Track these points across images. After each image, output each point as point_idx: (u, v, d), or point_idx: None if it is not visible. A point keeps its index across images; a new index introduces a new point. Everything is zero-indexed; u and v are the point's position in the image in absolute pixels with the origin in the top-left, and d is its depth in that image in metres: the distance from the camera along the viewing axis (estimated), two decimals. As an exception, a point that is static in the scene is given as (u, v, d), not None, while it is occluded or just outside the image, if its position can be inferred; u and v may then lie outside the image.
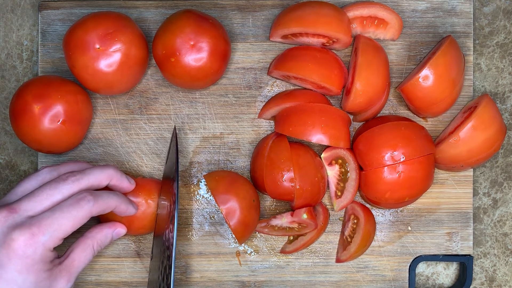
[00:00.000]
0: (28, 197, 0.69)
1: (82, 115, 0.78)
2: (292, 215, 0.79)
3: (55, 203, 0.69)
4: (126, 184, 0.75)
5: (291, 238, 0.82)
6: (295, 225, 0.80)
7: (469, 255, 0.83)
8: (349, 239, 0.81)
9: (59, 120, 0.76)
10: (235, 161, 0.83)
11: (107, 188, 0.75)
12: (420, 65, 0.81)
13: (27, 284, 0.66)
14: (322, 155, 0.81)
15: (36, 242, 0.66)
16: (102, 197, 0.71)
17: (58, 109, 0.76)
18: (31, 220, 0.67)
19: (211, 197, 0.83)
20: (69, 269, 0.70)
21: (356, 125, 0.83)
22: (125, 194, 0.76)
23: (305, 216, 0.78)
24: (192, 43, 0.75)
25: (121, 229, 0.76)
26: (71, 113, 0.77)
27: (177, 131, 0.82)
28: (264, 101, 0.83)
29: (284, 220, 0.80)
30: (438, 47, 0.80)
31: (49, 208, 0.68)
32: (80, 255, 0.71)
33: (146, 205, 0.77)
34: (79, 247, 0.72)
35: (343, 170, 0.80)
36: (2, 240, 0.65)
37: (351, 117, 0.83)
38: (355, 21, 0.81)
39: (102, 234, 0.74)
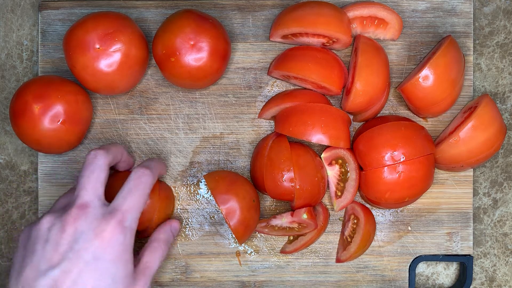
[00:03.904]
0: (82, 190, 0.69)
1: (82, 115, 0.78)
2: (292, 215, 0.79)
3: (105, 180, 0.71)
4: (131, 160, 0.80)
5: (291, 238, 0.82)
6: (295, 225, 0.80)
7: (469, 255, 0.83)
8: (349, 239, 0.81)
9: (59, 120, 0.76)
10: (235, 161, 0.83)
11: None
12: (420, 65, 0.81)
13: (119, 275, 0.68)
14: (322, 155, 0.81)
15: (124, 228, 0.68)
16: (151, 165, 0.74)
17: (58, 109, 0.76)
18: (111, 209, 0.69)
19: (211, 197, 0.83)
20: (144, 273, 0.72)
21: (356, 125, 0.83)
22: None
23: (305, 216, 0.78)
24: (192, 43, 0.75)
25: (175, 224, 0.79)
26: (71, 113, 0.77)
27: (177, 131, 0.82)
28: (264, 101, 0.83)
29: (284, 220, 0.80)
30: (438, 47, 0.80)
31: (103, 189, 0.71)
32: (151, 257, 0.73)
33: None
34: (147, 251, 0.74)
35: (343, 170, 0.80)
36: (93, 234, 0.67)
37: (351, 117, 0.83)
38: (355, 21, 0.81)
39: (163, 233, 0.77)
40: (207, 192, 0.83)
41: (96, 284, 0.66)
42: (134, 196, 0.70)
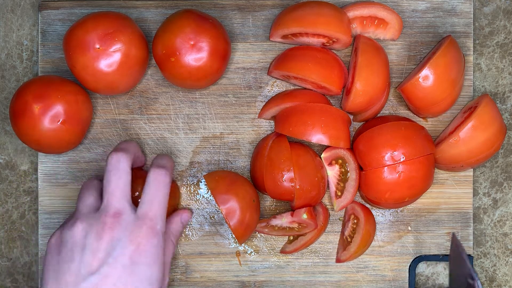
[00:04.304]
0: (111, 196, 0.71)
1: (82, 115, 0.78)
2: (292, 215, 0.79)
3: (130, 181, 0.73)
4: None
5: (291, 238, 0.82)
6: (295, 225, 0.80)
7: (469, 255, 0.83)
8: (349, 239, 0.81)
9: (59, 120, 0.76)
10: (235, 161, 0.83)
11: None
12: (420, 65, 0.81)
13: (155, 277, 0.70)
14: (322, 155, 0.81)
15: (156, 232, 0.71)
16: (165, 163, 0.75)
17: (58, 109, 0.76)
18: (141, 216, 0.71)
19: (211, 197, 0.82)
20: (165, 268, 0.74)
21: (356, 125, 0.83)
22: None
23: (305, 216, 0.78)
24: (192, 43, 0.75)
25: (185, 214, 0.80)
26: (71, 113, 0.77)
27: (177, 131, 0.82)
28: (264, 101, 0.83)
29: (284, 220, 0.80)
30: (438, 47, 0.80)
31: (130, 192, 0.73)
32: (167, 249, 0.75)
33: None
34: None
35: (343, 170, 0.80)
36: (129, 240, 0.70)
37: (351, 117, 0.82)
38: (355, 21, 0.81)
39: (173, 224, 0.78)
40: (207, 192, 0.83)
41: (134, 286, 0.69)
42: (158, 198, 0.72)
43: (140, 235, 0.70)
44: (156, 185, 0.73)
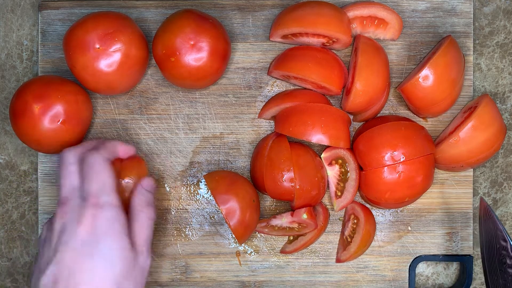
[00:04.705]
0: (60, 187, 0.72)
1: (82, 116, 0.78)
2: (292, 215, 0.79)
3: (77, 172, 0.72)
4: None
5: (291, 238, 0.82)
6: (295, 225, 0.80)
7: (469, 255, 0.83)
8: (349, 239, 0.81)
9: (59, 120, 0.76)
10: (235, 161, 0.83)
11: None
12: (420, 65, 0.81)
13: (114, 251, 0.68)
14: (322, 155, 0.81)
15: (101, 207, 0.70)
16: (96, 146, 0.75)
17: (58, 109, 0.76)
18: (84, 197, 0.70)
19: (211, 197, 0.82)
20: (140, 243, 0.72)
21: (356, 125, 0.83)
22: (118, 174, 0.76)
23: (305, 216, 0.78)
24: (192, 43, 0.75)
25: (145, 181, 0.75)
26: (71, 113, 0.77)
27: (177, 131, 0.82)
28: (264, 101, 0.83)
29: (284, 220, 0.80)
30: (438, 47, 0.80)
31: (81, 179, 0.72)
32: (139, 226, 0.72)
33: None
34: (133, 221, 0.72)
35: (343, 170, 0.80)
36: (76, 223, 0.69)
37: (351, 117, 0.82)
38: (355, 21, 0.81)
39: (138, 195, 0.74)
40: (207, 192, 0.83)
41: (92, 268, 0.68)
42: (97, 173, 0.71)
43: (86, 214, 0.69)
44: (88, 165, 0.72)
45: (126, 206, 0.74)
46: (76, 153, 0.73)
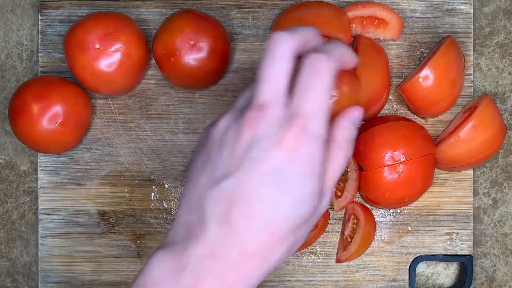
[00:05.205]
0: (261, 88, 0.56)
1: (81, 118, 0.78)
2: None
3: (289, 72, 0.56)
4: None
5: (291, 238, 0.82)
6: (295, 225, 0.80)
7: (469, 255, 0.83)
8: (349, 239, 0.81)
9: (58, 122, 0.76)
10: (235, 161, 0.82)
11: None
12: (420, 65, 0.81)
13: (304, 192, 0.55)
14: (322, 155, 0.81)
15: (309, 135, 0.55)
16: (327, 48, 0.58)
17: (57, 110, 0.76)
18: (291, 112, 0.55)
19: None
20: (327, 183, 0.57)
21: (356, 125, 0.83)
22: None
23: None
24: (192, 42, 0.75)
25: (355, 112, 0.60)
26: (69, 115, 0.77)
27: (177, 131, 0.82)
28: (264, 101, 0.82)
29: None
30: (438, 47, 0.79)
31: (291, 86, 0.56)
32: (332, 163, 0.58)
33: None
34: (328, 157, 0.57)
35: (343, 170, 0.80)
36: (273, 142, 0.54)
37: (351, 117, 0.82)
38: (355, 21, 0.81)
39: (342, 129, 0.59)
40: (207, 192, 0.83)
41: (276, 203, 0.54)
42: (313, 92, 0.55)
43: (290, 135, 0.54)
44: (309, 74, 0.55)
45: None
46: (294, 45, 0.56)
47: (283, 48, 0.56)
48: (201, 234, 0.55)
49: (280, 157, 0.54)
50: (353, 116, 0.59)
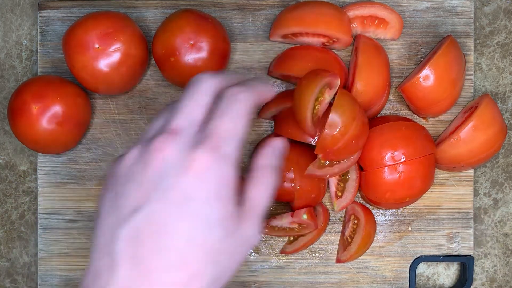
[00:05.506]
0: (176, 116, 0.56)
1: (80, 118, 0.78)
2: (292, 215, 0.79)
3: (207, 107, 0.57)
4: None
5: (291, 238, 0.82)
6: (295, 226, 0.79)
7: (470, 255, 0.83)
8: (349, 240, 0.81)
9: (57, 121, 0.76)
10: (235, 161, 0.82)
11: None
12: (421, 65, 0.80)
13: (216, 217, 0.53)
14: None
15: (220, 156, 0.54)
16: (248, 83, 0.59)
17: (56, 110, 0.76)
18: (201, 135, 0.54)
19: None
20: (251, 211, 0.56)
21: (357, 125, 0.83)
22: None
23: (305, 216, 0.78)
24: (191, 42, 0.75)
25: (278, 142, 0.61)
26: (69, 115, 0.76)
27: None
28: (264, 101, 0.82)
29: (284, 221, 0.80)
30: (439, 47, 0.79)
31: (208, 116, 0.56)
32: (256, 191, 0.57)
33: None
34: (250, 184, 0.58)
35: (343, 170, 0.80)
36: (183, 166, 0.53)
37: (352, 117, 0.82)
38: (355, 21, 0.80)
39: (266, 157, 0.59)
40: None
41: (187, 232, 0.52)
42: (229, 117, 0.55)
43: (197, 158, 0.53)
44: (228, 101, 0.56)
45: None
46: (215, 85, 0.58)
47: (203, 85, 0.57)
48: (110, 280, 0.52)
49: (189, 182, 0.53)
50: (275, 145, 0.60)
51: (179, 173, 0.53)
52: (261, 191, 0.57)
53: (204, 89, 0.57)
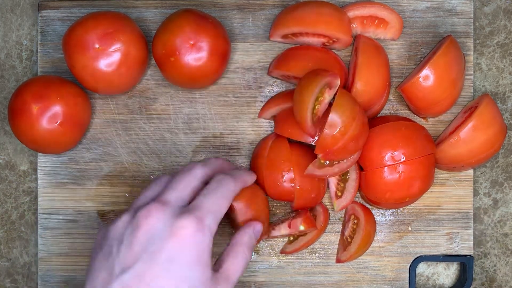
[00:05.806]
0: (169, 190, 0.67)
1: (80, 118, 0.78)
2: (289, 226, 0.79)
3: (194, 189, 0.68)
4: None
5: (291, 238, 0.82)
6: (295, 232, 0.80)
7: (470, 255, 0.83)
8: (349, 240, 0.81)
9: (57, 122, 0.76)
10: (235, 161, 0.82)
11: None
12: (421, 65, 0.80)
13: (197, 279, 0.63)
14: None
15: (203, 226, 0.63)
16: (234, 172, 0.72)
17: (56, 110, 0.76)
18: (190, 207, 0.65)
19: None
20: (226, 279, 0.67)
21: (356, 125, 0.83)
22: None
23: (302, 227, 0.78)
24: (191, 42, 0.75)
25: (258, 226, 0.73)
26: (69, 115, 0.76)
27: (177, 131, 0.82)
28: (264, 101, 0.82)
29: (282, 232, 0.80)
30: (439, 47, 0.79)
31: (193, 196, 0.67)
32: (234, 263, 0.68)
33: None
34: (229, 256, 0.69)
35: (343, 170, 0.80)
36: (169, 232, 0.62)
37: (351, 117, 0.82)
38: (355, 21, 0.80)
39: (245, 235, 0.71)
40: (207, 192, 0.83)
41: (172, 287, 0.62)
42: (215, 196, 0.67)
43: (184, 226, 0.62)
44: (215, 185, 0.68)
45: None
46: (206, 172, 0.70)
47: (195, 172, 0.69)
48: None
49: (174, 246, 0.62)
50: (256, 228, 0.72)
51: (165, 237, 0.62)
52: (237, 264, 0.68)
53: (195, 174, 0.69)
